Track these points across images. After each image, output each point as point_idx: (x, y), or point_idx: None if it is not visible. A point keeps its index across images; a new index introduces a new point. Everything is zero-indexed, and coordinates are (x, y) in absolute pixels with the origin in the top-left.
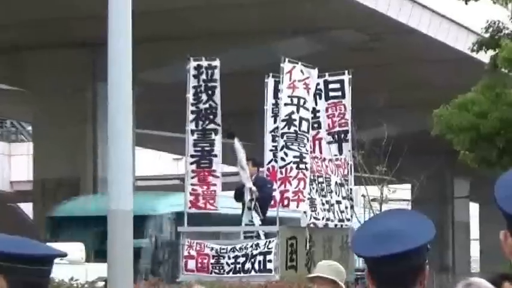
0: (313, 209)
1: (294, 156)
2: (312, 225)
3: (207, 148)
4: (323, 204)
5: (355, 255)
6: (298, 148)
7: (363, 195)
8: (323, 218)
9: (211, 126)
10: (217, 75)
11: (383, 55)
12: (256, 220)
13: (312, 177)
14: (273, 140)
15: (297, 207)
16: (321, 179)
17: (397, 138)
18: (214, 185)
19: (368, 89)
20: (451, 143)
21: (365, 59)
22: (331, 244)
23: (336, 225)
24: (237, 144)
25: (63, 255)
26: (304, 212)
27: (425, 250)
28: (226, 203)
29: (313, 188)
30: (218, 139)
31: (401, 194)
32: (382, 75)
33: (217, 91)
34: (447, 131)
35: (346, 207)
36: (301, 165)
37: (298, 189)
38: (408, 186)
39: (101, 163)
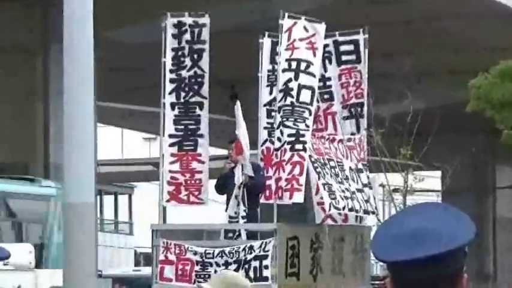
0: (332, 196)
1: (289, 135)
2: (333, 215)
3: (191, 126)
4: (343, 191)
5: (371, 261)
6: (295, 124)
7: (382, 185)
8: (344, 208)
9: (196, 99)
10: (205, 35)
11: (408, 9)
12: (241, 212)
13: (322, 161)
14: (269, 116)
15: (290, 198)
16: (332, 163)
17: (426, 114)
18: (200, 172)
19: (389, 51)
20: (492, 121)
21: (385, 14)
22: (343, 246)
23: (361, 217)
24: (239, 110)
25: (4, 257)
26: (320, 203)
27: (460, 255)
28: None
29: (326, 173)
30: (205, 115)
31: (429, 183)
32: (407, 35)
33: (206, 55)
34: (487, 106)
35: (369, 197)
36: (298, 146)
37: (292, 176)
38: (438, 173)
39: (54, 145)
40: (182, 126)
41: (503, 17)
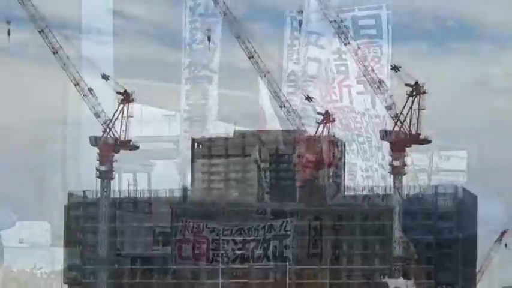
0: (351, 176)
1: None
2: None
3: (201, 101)
4: (366, 170)
5: (397, 240)
6: (300, 97)
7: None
8: (364, 189)
9: (205, 72)
10: (218, 9)
11: None
12: None
13: (349, 137)
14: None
15: None
16: (361, 139)
17: None
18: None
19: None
20: None
21: None
22: (366, 227)
23: (383, 197)
24: None
25: None
26: (334, 181)
27: None
28: None
29: (352, 150)
30: (213, 89)
31: (455, 162)
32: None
33: (218, 29)
34: None
35: (384, 177)
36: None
37: None
38: (464, 153)
39: None
40: (191, 102)
41: None
